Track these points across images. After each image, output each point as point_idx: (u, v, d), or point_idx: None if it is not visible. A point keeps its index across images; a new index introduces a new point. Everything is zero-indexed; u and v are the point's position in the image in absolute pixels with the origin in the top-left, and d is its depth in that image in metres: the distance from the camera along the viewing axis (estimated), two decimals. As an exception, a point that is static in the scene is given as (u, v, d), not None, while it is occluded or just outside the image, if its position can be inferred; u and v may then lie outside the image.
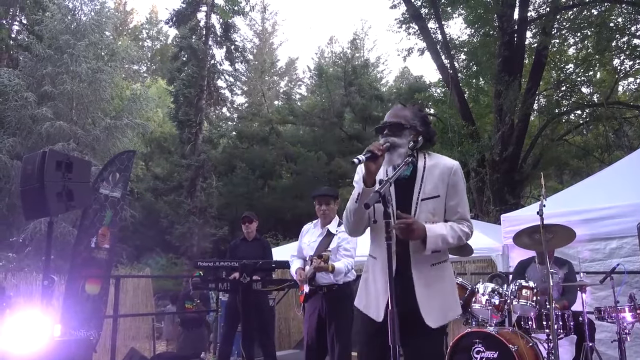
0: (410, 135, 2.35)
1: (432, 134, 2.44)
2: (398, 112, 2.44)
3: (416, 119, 2.40)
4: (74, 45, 16.00)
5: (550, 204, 4.91)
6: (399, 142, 2.31)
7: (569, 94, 16.02)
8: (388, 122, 2.39)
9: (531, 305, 4.05)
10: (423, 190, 2.32)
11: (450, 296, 2.38)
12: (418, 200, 2.30)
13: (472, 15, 14.93)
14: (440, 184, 2.31)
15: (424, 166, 2.36)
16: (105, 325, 5.61)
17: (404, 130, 2.34)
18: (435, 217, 2.30)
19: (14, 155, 15.23)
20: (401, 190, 2.34)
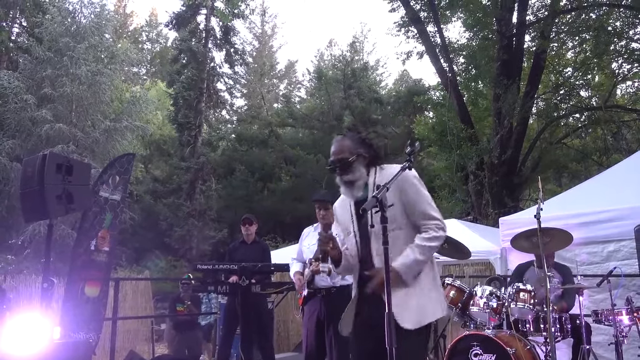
0: (360, 163, 2.43)
1: (378, 152, 2.49)
2: (341, 146, 2.48)
3: (358, 145, 2.45)
4: (73, 47, 16.03)
5: (548, 207, 4.93)
6: (352, 178, 2.40)
7: (567, 98, 16.06)
8: (336, 161, 2.44)
9: (529, 308, 4.07)
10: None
11: (427, 297, 2.35)
12: (372, 214, 2.30)
13: (471, 19, 14.96)
14: (390, 194, 2.29)
15: (374, 182, 2.40)
16: (105, 328, 5.61)
17: (352, 163, 2.41)
18: (394, 224, 2.31)
19: (13, 158, 15.24)
20: (359, 209, 2.40)
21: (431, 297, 2.37)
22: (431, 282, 2.40)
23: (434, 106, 18.36)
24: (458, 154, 13.59)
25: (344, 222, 2.57)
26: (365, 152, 2.44)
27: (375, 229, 2.28)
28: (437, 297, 2.41)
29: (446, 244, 4.65)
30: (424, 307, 2.32)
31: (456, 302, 4.33)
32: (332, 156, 2.48)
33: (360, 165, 2.41)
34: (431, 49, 14.92)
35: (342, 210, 2.59)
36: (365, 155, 2.44)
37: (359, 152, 2.42)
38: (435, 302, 2.38)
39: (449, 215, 12.53)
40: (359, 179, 2.40)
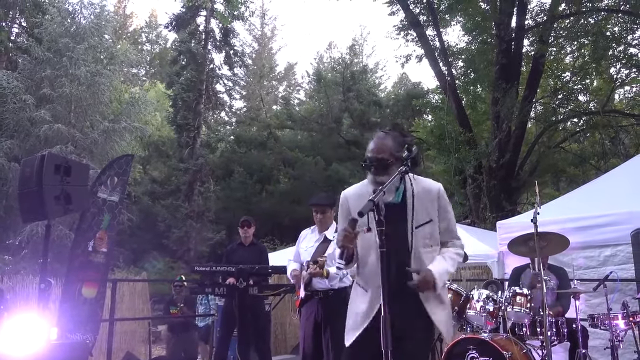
0: (397, 166, 2.34)
1: (417, 159, 2.43)
2: (382, 144, 2.40)
3: (400, 148, 2.38)
4: (73, 48, 16.03)
5: (546, 211, 4.95)
6: (386, 180, 2.28)
7: (565, 102, 16.11)
8: (374, 160, 2.36)
9: (525, 312, 4.08)
10: (415, 217, 2.37)
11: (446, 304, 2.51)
12: (412, 229, 2.36)
13: (470, 23, 15.01)
14: (431, 209, 2.39)
15: (413, 193, 2.39)
16: (102, 329, 5.61)
17: (391, 166, 2.34)
18: (431, 240, 2.39)
19: (11, 158, 15.23)
20: (392, 216, 2.29)
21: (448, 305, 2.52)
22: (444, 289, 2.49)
23: (433, 109, 18.40)
24: (456, 157, 13.61)
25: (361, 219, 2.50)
26: (405, 157, 2.37)
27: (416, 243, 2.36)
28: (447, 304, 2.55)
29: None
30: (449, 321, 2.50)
31: (453, 306, 4.33)
32: (371, 153, 2.39)
33: (396, 169, 2.32)
34: (430, 53, 14.96)
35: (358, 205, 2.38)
36: (405, 160, 2.36)
37: (399, 156, 2.36)
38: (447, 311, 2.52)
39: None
40: (394, 183, 2.32)
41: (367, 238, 2.36)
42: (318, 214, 4.25)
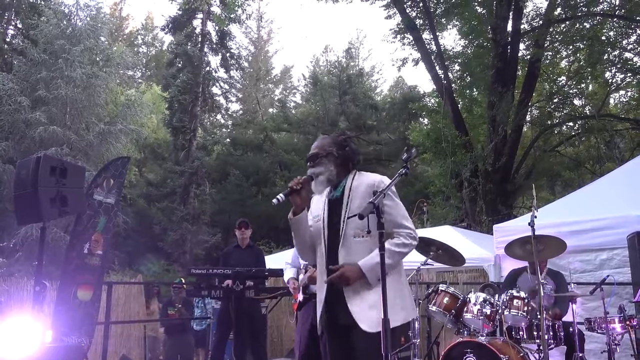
0: (330, 161, 2.59)
1: (350, 156, 2.64)
2: (318, 142, 2.69)
3: (333, 145, 2.63)
4: (69, 50, 15.98)
5: (542, 215, 4.96)
6: (317, 171, 2.56)
7: (561, 106, 16.17)
8: (310, 155, 2.64)
9: (522, 315, 4.08)
10: (350, 208, 2.51)
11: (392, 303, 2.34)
12: (345, 219, 2.50)
13: (466, 27, 15.04)
14: (363, 200, 2.41)
15: (351, 186, 2.56)
16: (97, 332, 5.57)
17: (322, 158, 2.58)
18: (364, 230, 2.38)
19: (6, 160, 15.15)
20: (332, 210, 2.59)
21: (395, 303, 2.37)
22: (395, 289, 2.43)
23: (429, 113, 18.42)
24: (452, 160, 13.63)
25: (316, 210, 2.68)
26: (337, 151, 2.60)
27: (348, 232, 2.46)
28: (400, 304, 2.44)
29: (440, 251, 4.66)
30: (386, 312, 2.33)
31: (450, 309, 4.33)
32: (311, 150, 2.67)
33: (329, 163, 2.57)
34: (426, 56, 15.00)
35: (316, 205, 2.70)
36: (336, 155, 2.59)
37: (331, 151, 2.60)
38: (398, 309, 2.40)
39: (442, 222, 12.55)
40: (322, 174, 2.55)
41: (318, 227, 2.61)
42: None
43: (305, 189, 2.52)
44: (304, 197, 2.54)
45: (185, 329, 7.89)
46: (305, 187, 2.52)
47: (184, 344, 7.69)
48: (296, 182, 2.50)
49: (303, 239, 2.63)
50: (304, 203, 2.56)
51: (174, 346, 7.57)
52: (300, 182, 2.50)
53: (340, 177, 2.61)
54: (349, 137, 2.74)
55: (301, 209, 2.55)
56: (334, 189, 2.62)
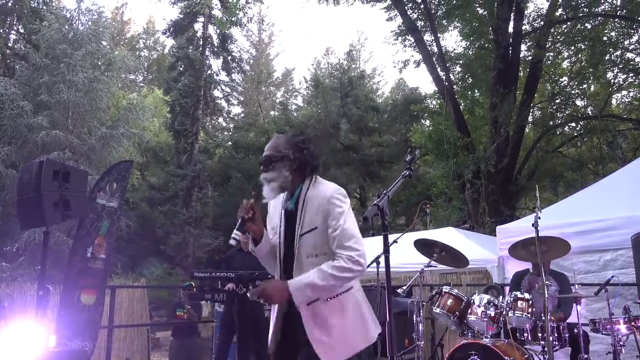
0: (285, 165, 2.30)
1: (308, 160, 2.33)
2: (272, 143, 2.39)
3: (289, 147, 2.33)
4: (70, 54, 16.02)
5: (545, 216, 4.93)
6: (269, 177, 2.30)
7: (563, 107, 16.15)
8: (263, 157, 2.36)
9: (527, 316, 4.06)
10: (302, 223, 2.25)
11: (350, 331, 2.21)
12: (298, 236, 2.25)
13: (468, 28, 15.06)
14: (316, 216, 2.21)
15: (305, 198, 2.27)
16: (100, 336, 5.57)
17: (276, 163, 2.30)
18: (316, 249, 2.20)
19: (9, 164, 15.18)
20: (288, 223, 2.32)
21: (356, 330, 2.24)
22: (358, 314, 2.26)
23: (431, 114, 18.44)
24: (455, 162, 13.63)
25: (274, 217, 2.45)
26: (292, 154, 2.30)
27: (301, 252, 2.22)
28: (361, 331, 2.26)
29: (443, 252, 4.65)
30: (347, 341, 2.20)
31: (454, 311, 4.32)
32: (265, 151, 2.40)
33: (283, 168, 2.29)
34: (428, 58, 15.01)
35: (274, 211, 2.46)
36: (292, 158, 2.30)
37: (286, 154, 2.30)
38: (359, 332, 2.24)
39: (445, 223, 12.54)
40: (275, 180, 2.29)
41: (275, 242, 2.38)
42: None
43: (256, 212, 2.27)
44: (258, 221, 2.29)
45: (193, 332, 7.86)
46: (256, 209, 2.28)
47: (192, 346, 7.65)
48: (245, 211, 2.24)
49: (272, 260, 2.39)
50: (260, 227, 2.31)
51: (181, 348, 7.54)
52: (249, 208, 2.25)
53: (295, 184, 2.31)
54: (307, 138, 2.40)
55: (260, 235, 2.31)
56: (289, 197, 2.35)
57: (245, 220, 2.22)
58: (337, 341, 2.16)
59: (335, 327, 2.17)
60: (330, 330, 2.16)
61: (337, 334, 2.16)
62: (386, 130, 24.17)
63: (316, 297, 2.15)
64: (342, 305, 2.20)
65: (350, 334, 2.20)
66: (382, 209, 2.01)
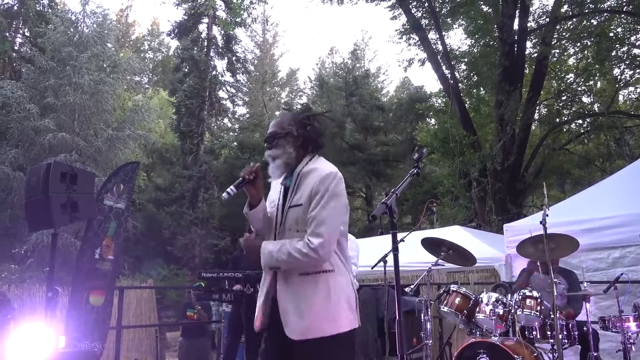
0: (289, 142, 2.29)
1: (312, 137, 2.32)
2: (277, 120, 2.39)
3: (293, 123, 2.32)
4: (76, 57, 16.10)
5: (553, 214, 4.91)
6: (274, 154, 2.28)
7: (569, 104, 16.08)
8: (268, 135, 2.35)
9: (535, 315, 4.04)
10: (293, 197, 2.23)
11: (319, 310, 2.14)
12: (287, 208, 2.24)
13: (472, 26, 15.01)
14: (305, 192, 2.19)
15: (300, 173, 2.26)
16: (109, 337, 5.59)
17: (279, 139, 2.29)
18: (298, 225, 2.19)
19: (16, 167, 15.26)
20: (284, 197, 2.31)
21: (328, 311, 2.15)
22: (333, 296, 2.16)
23: (436, 113, 18.39)
24: (461, 160, 13.59)
25: (273, 194, 2.43)
26: (297, 130, 2.29)
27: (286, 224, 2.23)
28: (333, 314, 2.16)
29: (451, 251, 4.64)
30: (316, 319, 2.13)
31: (462, 309, 4.30)
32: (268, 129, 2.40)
33: (288, 145, 2.28)
34: (433, 56, 14.96)
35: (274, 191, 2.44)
36: (295, 135, 2.29)
37: (290, 130, 2.29)
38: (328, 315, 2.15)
39: (452, 222, 12.50)
40: (280, 157, 2.27)
41: (272, 214, 2.33)
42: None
43: (259, 177, 2.26)
44: (259, 187, 2.26)
45: (203, 332, 7.86)
46: (259, 175, 2.26)
47: (201, 347, 7.65)
48: (249, 171, 2.22)
49: (262, 233, 2.35)
50: (259, 193, 2.28)
51: (190, 348, 7.54)
52: (254, 171, 2.23)
53: (299, 161, 2.31)
54: (312, 114, 2.40)
55: (258, 200, 2.28)
56: (290, 174, 2.32)
57: (245, 179, 2.21)
58: (302, 316, 2.12)
59: (303, 302, 2.13)
60: (299, 304, 2.13)
61: (305, 309, 2.13)
62: (391, 129, 24.13)
63: (276, 266, 2.17)
64: (315, 284, 2.16)
65: (319, 315, 2.13)
66: (390, 208, 2.01)
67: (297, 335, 2.10)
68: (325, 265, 2.16)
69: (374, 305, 5.96)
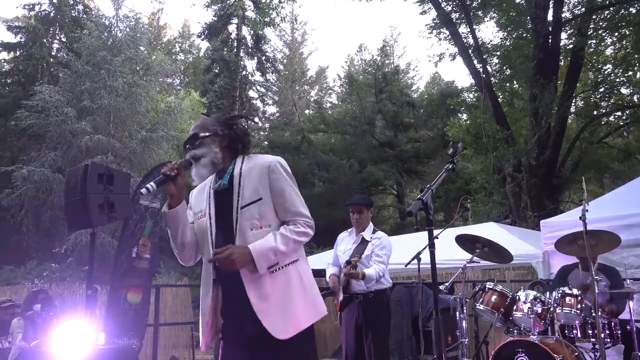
0: (214, 142, 2.21)
1: (239, 135, 2.27)
2: (199, 122, 2.31)
3: (217, 124, 2.26)
4: (110, 60, 16.49)
5: (592, 209, 4.77)
6: (199, 153, 2.17)
7: (607, 95, 15.60)
8: (190, 136, 2.25)
9: (576, 313, 3.93)
10: (242, 196, 2.15)
11: (299, 303, 2.12)
12: (238, 208, 2.14)
13: (504, 19, 14.71)
14: (260, 186, 2.15)
15: (240, 171, 2.20)
16: (146, 334, 5.70)
17: (204, 139, 2.20)
18: (261, 221, 2.13)
19: (55, 169, 15.74)
20: (220, 201, 2.21)
21: (305, 299, 2.15)
22: (304, 285, 2.17)
23: (468, 108, 18.09)
24: (494, 156, 13.34)
25: (197, 205, 2.31)
26: (222, 130, 2.23)
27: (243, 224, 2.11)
28: (310, 301, 2.17)
29: (486, 248, 4.54)
30: (296, 313, 2.10)
31: (498, 307, 4.21)
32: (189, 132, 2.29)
33: (213, 144, 2.20)
34: (464, 50, 14.73)
35: (197, 199, 2.33)
36: (221, 134, 2.22)
37: (215, 130, 2.22)
38: (308, 305, 2.16)
39: (486, 218, 12.28)
40: (206, 156, 2.16)
41: (202, 225, 2.23)
42: (355, 214, 4.24)
43: (181, 175, 2.11)
44: (180, 186, 2.13)
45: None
46: (182, 173, 2.12)
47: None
48: (171, 168, 2.08)
49: (182, 238, 2.20)
50: (180, 193, 2.14)
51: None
52: (176, 168, 2.08)
53: (226, 162, 2.23)
54: (235, 115, 2.34)
55: (178, 201, 2.13)
56: (219, 178, 2.23)
57: (167, 176, 2.05)
58: (287, 313, 2.08)
59: (283, 300, 2.09)
60: (279, 303, 2.08)
61: (287, 306, 2.09)
62: (422, 126, 23.88)
63: (277, 261, 2.10)
64: (287, 278, 2.13)
65: (299, 308, 2.11)
66: (426, 204, 1.98)
67: (285, 334, 2.05)
68: (292, 256, 2.15)
69: (408, 303, 5.91)
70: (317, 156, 23.37)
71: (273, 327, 2.03)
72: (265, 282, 2.08)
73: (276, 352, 2.05)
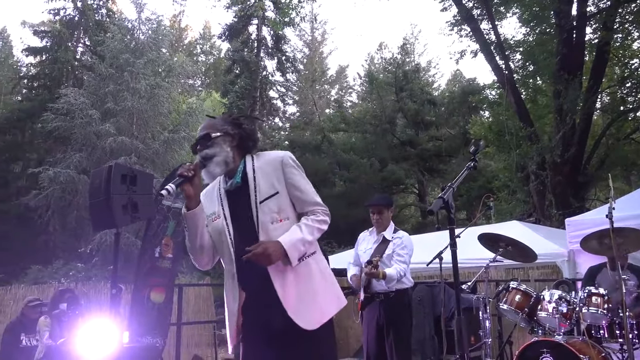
0: (225, 141, 2.23)
1: (249, 133, 2.31)
2: (205, 124, 2.32)
3: (226, 124, 2.28)
4: (133, 63, 16.73)
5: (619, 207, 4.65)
6: (211, 153, 2.18)
7: (634, 90, 15.22)
8: (199, 137, 2.26)
9: (602, 313, 3.85)
10: (259, 191, 2.18)
11: (322, 293, 2.17)
12: (257, 204, 2.17)
13: (527, 14, 14.48)
14: (275, 180, 2.19)
15: (253, 168, 2.23)
16: (169, 333, 5.77)
17: (214, 139, 2.21)
18: (280, 214, 2.17)
19: (80, 170, 16.04)
20: (234, 200, 2.23)
21: (327, 292, 2.19)
22: (324, 276, 2.22)
23: (490, 105, 17.86)
24: (517, 153, 13.13)
25: (209, 208, 2.30)
26: (232, 130, 2.25)
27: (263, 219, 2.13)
28: (332, 292, 2.22)
29: (509, 247, 4.48)
30: (321, 304, 2.15)
31: (522, 307, 4.15)
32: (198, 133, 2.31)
33: (224, 143, 2.22)
34: (485, 47, 14.54)
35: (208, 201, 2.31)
36: (233, 133, 2.25)
37: (225, 130, 2.24)
38: (332, 298, 2.20)
39: (509, 217, 12.11)
40: (218, 155, 2.18)
41: (217, 226, 2.24)
42: (375, 215, 4.22)
43: (197, 176, 2.12)
44: (197, 186, 2.14)
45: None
46: (198, 174, 2.13)
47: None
48: (187, 169, 2.08)
49: (201, 240, 2.21)
50: (197, 194, 2.15)
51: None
52: (192, 169, 2.09)
53: (237, 161, 2.25)
54: (243, 115, 2.37)
55: (195, 202, 2.14)
56: (229, 178, 2.26)
57: (185, 177, 2.05)
58: (310, 306, 2.11)
59: (306, 292, 2.12)
60: (305, 294, 2.11)
61: (309, 298, 2.12)
62: (444, 124, 23.67)
63: (305, 252, 2.15)
64: (309, 270, 2.17)
65: (322, 298, 2.16)
66: (447, 202, 1.96)
67: (313, 324, 2.08)
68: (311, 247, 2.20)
69: (430, 302, 5.86)
70: (338, 155, 23.35)
71: (302, 318, 2.06)
72: (290, 275, 2.12)
73: (304, 344, 2.07)
